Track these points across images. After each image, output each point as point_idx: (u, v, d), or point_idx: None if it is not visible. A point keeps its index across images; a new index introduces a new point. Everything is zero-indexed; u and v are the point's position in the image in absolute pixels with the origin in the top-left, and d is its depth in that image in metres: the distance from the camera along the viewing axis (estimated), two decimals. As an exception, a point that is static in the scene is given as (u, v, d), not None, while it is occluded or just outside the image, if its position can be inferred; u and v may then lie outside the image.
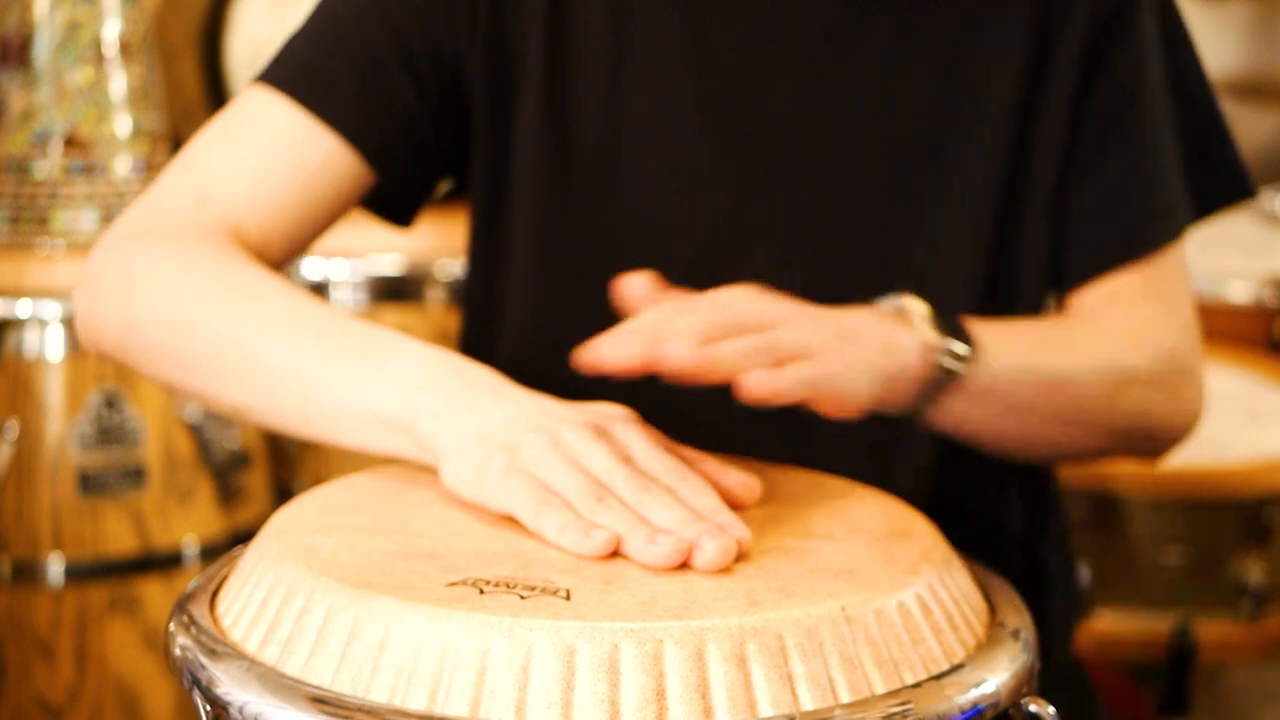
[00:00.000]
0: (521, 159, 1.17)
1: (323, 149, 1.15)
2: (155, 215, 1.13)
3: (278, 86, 1.15)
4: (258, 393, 1.03)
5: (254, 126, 1.16)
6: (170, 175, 1.16)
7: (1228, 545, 1.81)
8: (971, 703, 0.80)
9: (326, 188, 1.15)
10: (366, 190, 1.18)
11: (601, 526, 0.86)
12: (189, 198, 1.13)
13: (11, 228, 1.92)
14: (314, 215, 1.16)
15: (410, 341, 1.01)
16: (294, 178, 1.14)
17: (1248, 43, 3.63)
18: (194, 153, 1.16)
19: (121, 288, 1.09)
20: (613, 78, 1.15)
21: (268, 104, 1.15)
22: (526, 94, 1.17)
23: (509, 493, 0.90)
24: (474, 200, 1.23)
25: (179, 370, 1.07)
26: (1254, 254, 2.61)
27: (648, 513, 0.87)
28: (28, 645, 1.80)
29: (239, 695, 0.79)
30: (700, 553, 0.84)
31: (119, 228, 1.14)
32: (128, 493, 1.81)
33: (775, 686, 0.77)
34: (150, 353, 1.08)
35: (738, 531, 0.86)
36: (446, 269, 2.21)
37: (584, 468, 0.90)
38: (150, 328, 1.07)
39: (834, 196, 1.14)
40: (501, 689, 0.75)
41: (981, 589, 0.93)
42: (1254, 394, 2.11)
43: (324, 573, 0.83)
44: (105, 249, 1.12)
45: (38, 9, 1.90)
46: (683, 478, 0.91)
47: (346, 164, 1.15)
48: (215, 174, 1.14)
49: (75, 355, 1.80)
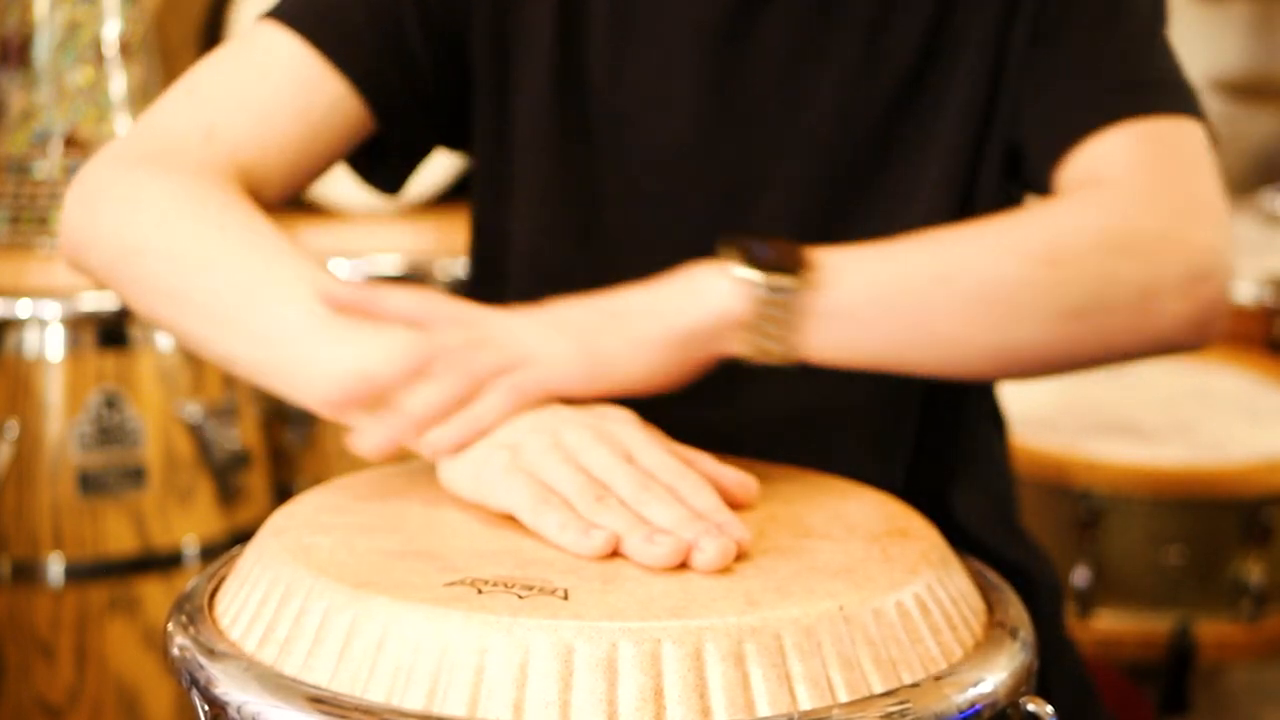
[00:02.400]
0: (528, 128, 1.18)
1: (331, 92, 1.14)
2: (161, 140, 1.12)
3: (292, 25, 1.14)
4: (255, 349, 1.01)
5: (265, 62, 1.14)
6: (177, 99, 1.15)
7: (1228, 545, 1.82)
8: (969, 702, 0.80)
9: (330, 131, 1.15)
10: (365, 137, 1.17)
11: (601, 526, 0.87)
12: (197, 128, 1.12)
13: (11, 228, 1.92)
14: (314, 157, 1.16)
15: None
16: (300, 119, 1.14)
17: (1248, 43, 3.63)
18: (203, 80, 1.15)
19: (123, 211, 1.07)
20: (618, 48, 1.16)
21: (280, 41, 1.14)
22: (534, 63, 1.17)
23: (510, 491, 0.90)
24: (477, 170, 1.23)
25: (171, 307, 1.05)
26: (1254, 254, 2.61)
27: (647, 512, 0.87)
28: (28, 645, 1.80)
29: (237, 695, 0.79)
30: (699, 553, 0.84)
31: (122, 146, 1.12)
32: (128, 493, 1.81)
33: (773, 686, 0.77)
34: (143, 283, 1.06)
35: (737, 531, 0.86)
36: (446, 269, 2.21)
37: (584, 467, 0.90)
38: (149, 258, 1.05)
39: (830, 159, 1.15)
40: (500, 688, 0.75)
41: (979, 588, 0.93)
42: (1254, 394, 2.12)
43: (322, 572, 0.83)
44: (106, 165, 1.10)
45: (38, 9, 1.90)
46: (683, 477, 0.91)
47: (352, 109, 1.15)
48: (223, 106, 1.13)
49: (75, 355, 1.80)
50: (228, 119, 1.12)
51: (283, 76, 1.14)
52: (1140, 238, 1.01)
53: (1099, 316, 1.00)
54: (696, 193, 1.16)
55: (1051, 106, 1.11)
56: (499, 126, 1.19)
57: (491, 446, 0.92)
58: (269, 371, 1.01)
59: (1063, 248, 1.00)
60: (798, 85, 1.15)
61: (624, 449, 0.92)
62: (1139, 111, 1.08)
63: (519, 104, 1.18)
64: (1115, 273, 1.00)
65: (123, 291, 1.09)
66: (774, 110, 1.15)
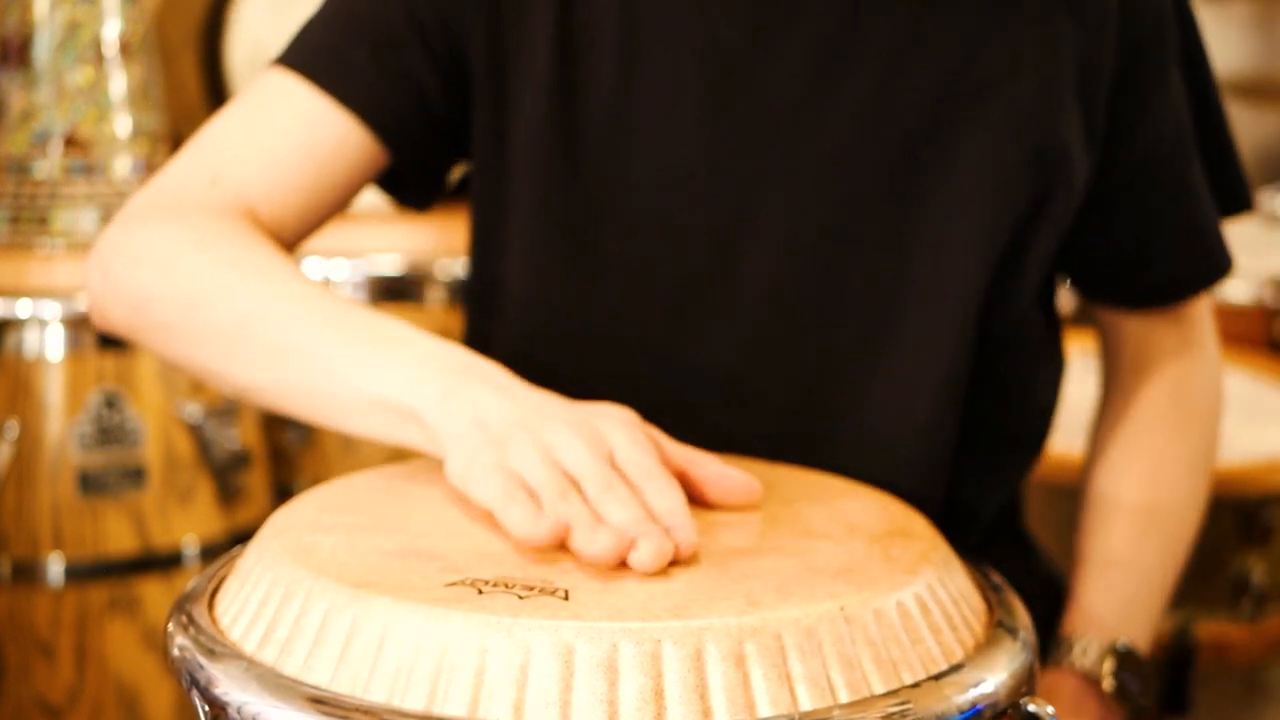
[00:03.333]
0: (525, 146, 1.17)
1: (337, 128, 1.15)
2: (167, 194, 1.13)
3: (292, 66, 1.15)
4: (267, 373, 1.03)
5: (268, 106, 1.16)
6: (185, 156, 1.16)
7: (1228, 545, 1.81)
8: (970, 702, 0.80)
9: (340, 167, 1.15)
10: (380, 169, 1.18)
11: (549, 516, 0.87)
12: (201, 178, 1.13)
13: (11, 228, 1.92)
14: (327, 195, 1.16)
15: (420, 333, 1.01)
16: (308, 157, 1.14)
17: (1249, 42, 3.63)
18: (208, 134, 1.16)
19: (132, 265, 1.09)
20: (624, 68, 1.15)
21: (283, 84, 1.15)
22: (531, 80, 1.16)
23: (487, 486, 0.91)
24: (475, 182, 1.23)
25: (188, 347, 1.06)
26: (1254, 254, 2.61)
27: (604, 509, 0.88)
28: (28, 645, 1.80)
29: (237, 695, 0.79)
30: (634, 552, 0.84)
31: (132, 206, 1.13)
32: (128, 493, 1.81)
33: (774, 686, 0.77)
34: (160, 329, 1.08)
35: (683, 536, 0.86)
36: (446, 269, 2.21)
37: (559, 464, 0.91)
38: (160, 304, 1.07)
39: (839, 191, 1.14)
40: (500, 689, 0.75)
41: (980, 589, 0.93)
42: (1254, 394, 2.11)
43: (323, 573, 0.83)
44: (117, 227, 1.12)
45: (38, 9, 1.90)
46: (650, 478, 0.91)
47: (360, 143, 1.15)
48: (228, 154, 1.14)
49: (75, 355, 1.80)
50: (233, 164, 1.14)
51: (288, 118, 1.14)
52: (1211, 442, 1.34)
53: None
54: (696, 215, 1.15)
55: (1121, 270, 1.26)
56: (497, 144, 1.19)
57: (484, 444, 0.93)
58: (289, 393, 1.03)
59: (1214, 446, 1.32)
60: (811, 112, 1.14)
61: (606, 447, 0.93)
62: (1190, 296, 1.29)
63: (516, 123, 1.18)
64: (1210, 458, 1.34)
65: (146, 342, 1.11)
66: (784, 137, 1.14)
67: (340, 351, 1.00)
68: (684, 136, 1.15)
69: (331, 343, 1.00)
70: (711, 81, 1.14)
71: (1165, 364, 1.29)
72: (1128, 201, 1.21)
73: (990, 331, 1.16)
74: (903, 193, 1.14)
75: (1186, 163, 1.22)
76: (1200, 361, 1.30)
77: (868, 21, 1.13)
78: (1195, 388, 1.30)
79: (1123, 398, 1.30)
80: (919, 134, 1.13)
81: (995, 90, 1.13)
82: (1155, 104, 1.19)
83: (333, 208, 1.18)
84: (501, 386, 0.97)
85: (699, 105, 1.14)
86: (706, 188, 1.15)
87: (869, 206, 1.14)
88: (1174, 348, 1.29)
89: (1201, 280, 1.27)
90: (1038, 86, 1.13)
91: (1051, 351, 1.25)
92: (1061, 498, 1.83)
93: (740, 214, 1.14)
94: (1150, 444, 1.29)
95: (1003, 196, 1.14)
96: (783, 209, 1.14)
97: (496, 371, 0.99)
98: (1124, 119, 1.17)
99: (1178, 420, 1.29)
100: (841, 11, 1.13)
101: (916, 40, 1.13)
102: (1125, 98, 1.17)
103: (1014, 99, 1.13)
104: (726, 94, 1.14)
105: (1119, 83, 1.16)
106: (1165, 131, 1.20)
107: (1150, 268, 1.25)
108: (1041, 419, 1.25)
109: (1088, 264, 1.24)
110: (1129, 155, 1.19)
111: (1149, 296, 1.27)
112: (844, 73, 1.13)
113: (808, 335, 1.14)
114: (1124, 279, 1.26)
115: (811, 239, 1.14)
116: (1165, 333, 1.29)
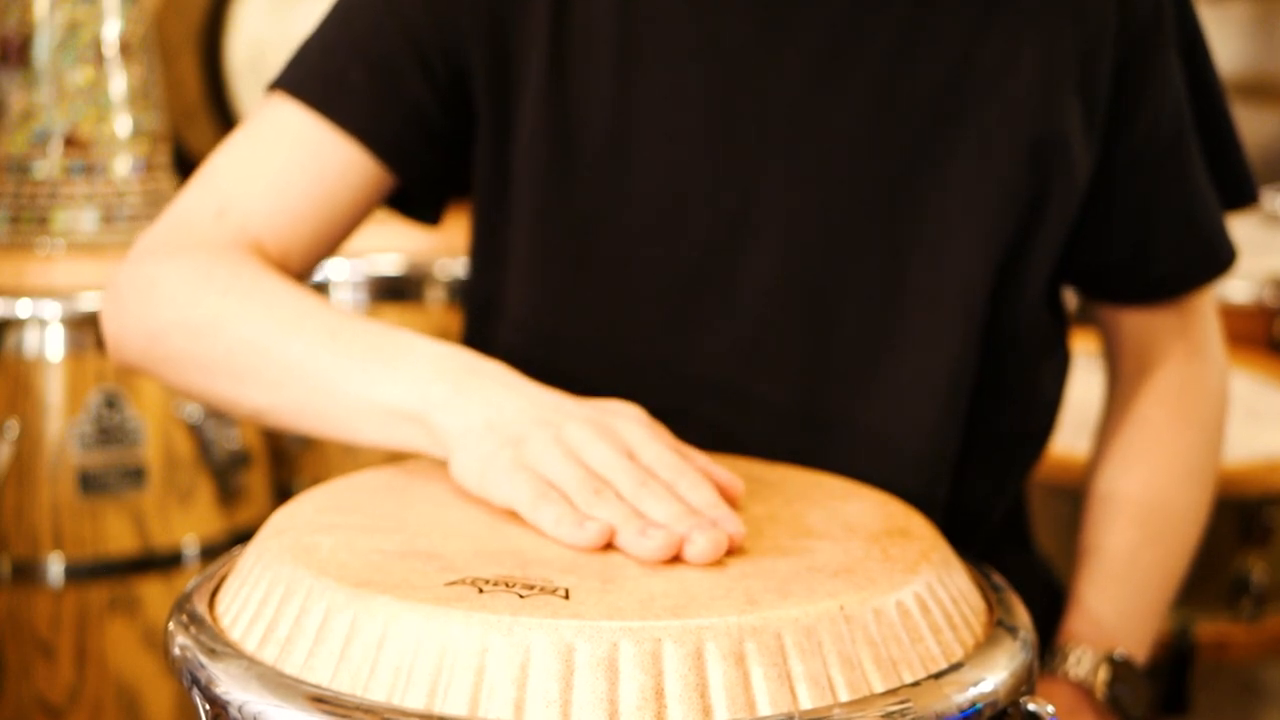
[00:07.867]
0: (523, 154, 1.17)
1: (340, 155, 1.15)
2: (176, 229, 1.14)
3: (292, 93, 1.15)
4: (276, 394, 1.04)
5: (272, 136, 1.16)
6: (192, 190, 1.17)
7: (1228, 545, 1.81)
8: (970, 701, 0.80)
9: (346, 194, 1.16)
10: (387, 192, 1.18)
11: (596, 519, 0.87)
12: (208, 211, 1.14)
13: (11, 228, 1.92)
14: (334, 222, 1.16)
15: (422, 339, 1.02)
16: (312, 186, 1.14)
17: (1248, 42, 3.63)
18: (214, 166, 1.17)
19: (143, 299, 1.10)
20: (621, 74, 1.15)
21: (285, 113, 1.15)
22: (529, 89, 1.16)
23: (512, 487, 0.91)
24: (476, 195, 1.23)
25: (200, 376, 1.08)
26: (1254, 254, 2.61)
27: (644, 507, 0.88)
28: (28, 645, 1.80)
29: (238, 694, 0.79)
30: (690, 545, 0.85)
31: (143, 242, 1.14)
32: (128, 492, 1.81)
33: (774, 685, 0.77)
34: (172, 360, 1.09)
35: (732, 526, 0.87)
36: (446, 269, 2.21)
37: (584, 462, 0.91)
38: (171, 335, 1.08)
39: (840, 192, 1.13)
40: (500, 688, 0.75)
41: (980, 588, 0.93)
42: (1254, 394, 2.11)
43: (323, 572, 0.83)
44: (130, 264, 1.13)
45: (38, 9, 1.90)
46: (681, 473, 0.91)
47: (365, 168, 1.15)
48: (233, 188, 1.14)
49: (75, 355, 1.80)
50: (238, 196, 1.14)
51: (291, 147, 1.15)
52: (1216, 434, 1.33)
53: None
54: (697, 218, 1.15)
55: (1121, 264, 1.25)
56: (497, 156, 1.19)
57: (498, 443, 0.93)
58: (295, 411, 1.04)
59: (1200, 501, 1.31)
60: (812, 113, 1.13)
61: (625, 445, 0.93)
62: (1193, 289, 1.28)
63: (514, 134, 1.17)
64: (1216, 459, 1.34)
65: (162, 375, 1.12)
66: (784, 138, 1.14)
67: (345, 365, 1.00)
68: (685, 140, 1.14)
69: (335, 357, 1.01)
70: (711, 85, 1.14)
71: (1169, 367, 1.28)
72: (1127, 193, 1.20)
73: (995, 329, 1.16)
74: (904, 192, 1.14)
75: (1187, 154, 1.22)
76: (1204, 365, 1.29)
77: (867, 21, 1.13)
78: (1199, 396, 1.29)
79: (1125, 402, 1.30)
80: (919, 132, 1.13)
81: (995, 86, 1.13)
82: (1154, 95, 1.18)
83: (343, 232, 1.18)
84: (511, 385, 0.97)
85: (699, 109, 1.14)
86: (707, 190, 1.15)
87: (870, 206, 1.14)
88: (1178, 349, 1.28)
89: (1203, 273, 1.26)
90: (1037, 81, 1.13)
91: (1057, 346, 1.25)
92: (1061, 498, 1.83)
93: (741, 216, 1.14)
94: (1151, 451, 1.28)
95: (1004, 193, 1.14)
96: (783, 210, 1.14)
97: (504, 371, 0.99)
98: (1123, 110, 1.17)
99: (1180, 428, 1.28)
100: (840, 11, 1.13)
101: (915, 39, 1.13)
102: (1124, 89, 1.17)
103: (1014, 94, 1.13)
104: (727, 97, 1.14)
105: (1118, 74, 1.16)
106: (1165, 122, 1.19)
107: (1151, 261, 1.24)
108: (1047, 414, 1.25)
109: (1088, 259, 1.24)
110: (1129, 146, 1.18)
111: (1150, 291, 1.26)
112: (844, 73, 1.13)
113: (809, 336, 1.14)
114: (1124, 273, 1.25)
115: (812, 239, 1.14)
116: (1168, 331, 1.28)
